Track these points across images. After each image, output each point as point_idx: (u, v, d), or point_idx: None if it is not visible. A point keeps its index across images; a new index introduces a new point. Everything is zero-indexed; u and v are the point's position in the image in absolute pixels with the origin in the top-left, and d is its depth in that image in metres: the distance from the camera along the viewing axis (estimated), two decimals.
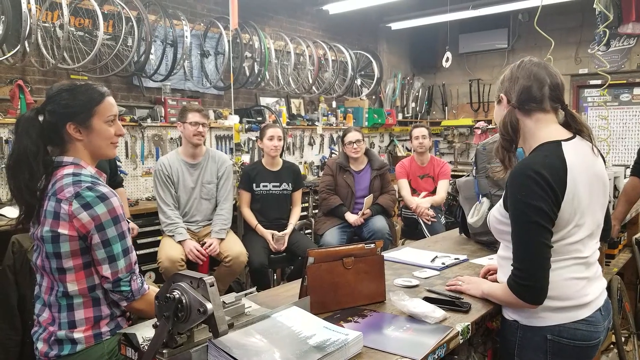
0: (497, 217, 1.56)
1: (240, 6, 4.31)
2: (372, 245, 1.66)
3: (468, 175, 2.51)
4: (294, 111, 6.10)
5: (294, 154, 5.90)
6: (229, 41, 4.72)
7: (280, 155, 3.90)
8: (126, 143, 4.37)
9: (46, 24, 3.77)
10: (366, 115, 6.65)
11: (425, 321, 1.46)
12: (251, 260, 3.44)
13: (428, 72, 8.02)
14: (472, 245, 2.44)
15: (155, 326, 1.14)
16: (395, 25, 7.16)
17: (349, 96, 6.72)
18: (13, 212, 3.26)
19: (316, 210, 4.59)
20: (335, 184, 4.06)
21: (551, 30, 3.70)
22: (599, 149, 1.54)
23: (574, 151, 1.47)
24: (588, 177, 1.48)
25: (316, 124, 6.05)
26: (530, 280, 1.41)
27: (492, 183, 2.25)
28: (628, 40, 6.17)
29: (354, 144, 4.00)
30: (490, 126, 6.33)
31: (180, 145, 3.65)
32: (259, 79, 5.26)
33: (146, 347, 1.17)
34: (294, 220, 3.84)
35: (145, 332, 1.26)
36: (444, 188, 4.31)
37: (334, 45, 6.17)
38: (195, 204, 3.46)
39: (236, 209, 3.91)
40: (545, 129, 1.51)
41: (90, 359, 1.54)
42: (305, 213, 4.89)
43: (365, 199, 3.92)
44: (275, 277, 3.92)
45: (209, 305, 1.07)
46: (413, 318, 1.49)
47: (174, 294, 1.10)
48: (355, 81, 6.58)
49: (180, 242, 3.29)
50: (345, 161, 4.10)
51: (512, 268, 1.45)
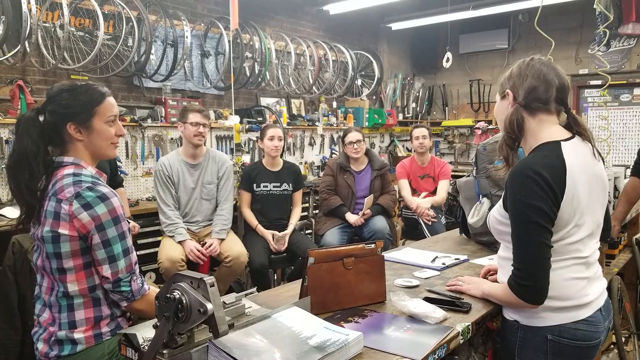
0: (497, 218, 1.56)
1: (240, 6, 4.32)
2: (373, 245, 1.65)
3: (468, 176, 2.51)
4: (295, 111, 6.10)
5: (294, 154, 5.90)
6: (229, 41, 4.72)
7: (281, 156, 3.90)
8: (126, 143, 4.37)
9: (46, 24, 3.77)
10: (366, 115, 6.65)
11: (426, 321, 1.46)
12: (251, 260, 3.44)
13: (428, 73, 8.02)
14: (473, 245, 2.44)
15: (155, 326, 1.14)
16: (395, 26, 7.16)
17: (350, 96, 6.72)
18: (13, 213, 3.26)
19: (316, 211, 4.59)
20: (335, 184, 4.06)
21: (551, 30, 3.71)
22: (599, 152, 1.55)
23: (574, 151, 1.47)
24: (587, 177, 1.48)
25: (317, 124, 6.06)
26: (531, 280, 1.41)
27: (493, 183, 2.25)
28: (628, 41, 6.17)
29: (354, 144, 4.00)
30: (490, 126, 6.32)
31: (181, 145, 3.65)
32: (260, 79, 5.26)
33: (146, 348, 1.17)
34: (294, 220, 3.84)
35: (145, 333, 1.26)
36: (444, 188, 4.31)
37: (335, 45, 6.17)
38: (196, 205, 3.46)
39: (236, 209, 3.91)
40: (547, 129, 1.51)
41: (90, 359, 1.54)
42: (305, 213, 4.90)
43: (366, 199, 3.92)
44: (275, 278, 3.92)
45: (209, 306, 1.07)
46: (413, 318, 1.49)
47: (175, 294, 1.10)
48: (356, 81, 6.58)
49: (180, 243, 3.29)
50: (346, 161, 4.10)
51: (513, 268, 1.45)
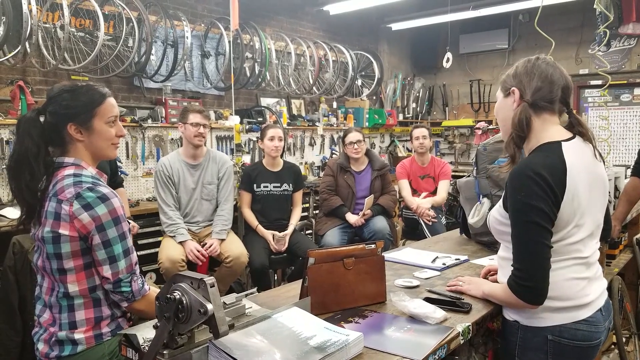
0: (497, 218, 1.56)
1: (240, 7, 4.32)
2: (373, 245, 1.66)
3: (469, 176, 2.51)
4: (295, 112, 6.11)
5: (294, 154, 5.90)
6: (229, 42, 4.72)
7: (281, 156, 3.90)
8: (127, 144, 4.38)
9: (47, 25, 3.77)
10: (367, 115, 6.65)
11: (426, 322, 1.46)
12: (252, 260, 3.44)
13: (429, 73, 8.02)
14: (473, 245, 2.44)
15: (155, 327, 1.14)
16: (395, 26, 7.16)
17: (350, 97, 6.72)
18: (14, 213, 3.26)
19: (317, 211, 4.59)
20: (336, 185, 4.06)
21: (552, 30, 3.70)
22: (600, 153, 1.55)
23: (574, 151, 1.47)
24: (588, 177, 1.48)
25: (317, 124, 6.06)
26: (531, 280, 1.41)
27: (493, 183, 2.25)
28: (628, 41, 6.17)
29: (354, 145, 4.00)
30: (490, 126, 6.31)
31: (181, 145, 3.65)
32: (260, 80, 5.27)
33: (147, 348, 1.17)
34: (294, 220, 3.84)
35: (145, 333, 1.26)
36: (444, 188, 4.31)
37: (335, 45, 6.17)
38: (196, 205, 3.46)
39: (237, 209, 3.92)
40: (549, 129, 1.51)
41: None
42: (305, 213, 4.90)
43: (366, 199, 3.92)
44: (275, 278, 3.92)
45: (210, 306, 1.07)
46: (414, 318, 1.49)
47: (175, 294, 1.10)
48: (356, 82, 6.58)
49: (181, 243, 3.29)
50: (346, 162, 4.10)
51: (513, 268, 1.45)
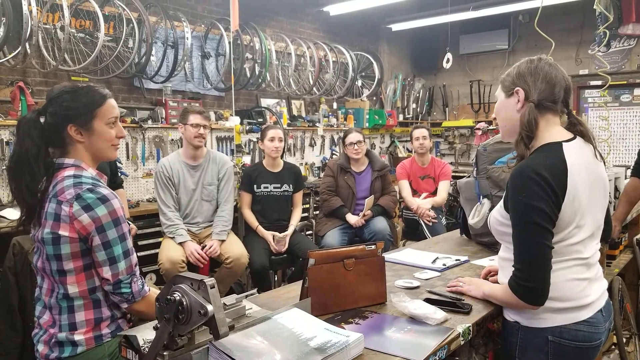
0: (498, 219, 1.56)
1: (241, 8, 4.32)
2: (373, 246, 1.65)
3: (469, 176, 2.51)
4: (295, 112, 6.10)
5: (294, 155, 5.90)
6: (229, 42, 4.72)
7: (281, 157, 3.90)
8: (127, 144, 4.37)
9: (47, 26, 3.77)
10: (367, 116, 6.65)
11: (426, 322, 1.46)
12: (252, 261, 3.44)
13: (429, 73, 8.02)
14: (473, 246, 2.44)
15: (156, 328, 1.14)
16: (395, 27, 7.16)
17: (350, 97, 6.72)
18: (14, 214, 3.26)
19: (317, 212, 4.59)
20: (336, 185, 4.06)
21: (551, 31, 3.70)
22: (600, 153, 1.55)
23: (575, 152, 1.47)
24: (588, 178, 1.48)
25: (317, 125, 6.06)
26: (531, 281, 1.41)
27: (493, 184, 2.25)
28: (628, 41, 6.17)
29: (354, 145, 4.00)
30: (490, 127, 6.31)
31: (181, 146, 3.65)
32: (260, 80, 5.26)
33: (147, 349, 1.17)
34: (294, 221, 3.84)
35: (145, 334, 1.26)
36: (444, 189, 4.31)
37: (335, 46, 6.17)
38: (196, 206, 3.46)
39: (237, 210, 3.91)
40: (551, 130, 1.51)
41: None
42: (306, 214, 4.90)
43: (366, 200, 3.92)
44: (276, 279, 3.92)
45: (210, 307, 1.07)
46: (414, 319, 1.49)
47: (175, 295, 1.09)
48: (356, 82, 6.58)
49: (181, 244, 3.29)
50: (346, 162, 4.10)
51: (513, 269, 1.45)
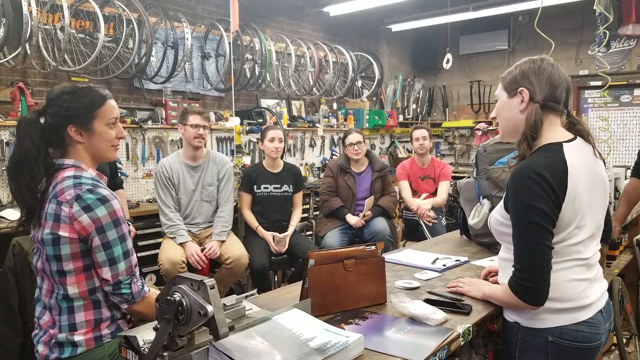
0: (498, 219, 1.56)
1: (241, 8, 4.32)
2: (373, 247, 1.66)
3: (469, 177, 2.51)
4: (295, 113, 6.10)
5: (294, 155, 5.90)
6: (229, 43, 4.72)
7: (281, 157, 3.90)
8: (127, 145, 4.37)
9: (47, 27, 3.77)
10: (367, 116, 6.65)
11: (426, 323, 1.46)
12: (252, 262, 3.44)
13: (429, 74, 8.02)
14: (473, 246, 2.44)
15: (155, 329, 1.14)
16: (395, 27, 7.16)
17: (350, 98, 6.72)
18: (14, 215, 3.26)
19: (317, 212, 4.59)
20: (336, 186, 4.06)
21: (551, 31, 3.71)
22: (600, 153, 1.55)
23: (575, 152, 1.47)
24: (589, 178, 1.48)
25: (317, 125, 6.06)
26: (532, 281, 1.41)
27: (493, 185, 2.25)
28: (628, 42, 6.17)
29: (354, 146, 4.00)
30: (490, 127, 6.30)
31: (181, 147, 3.65)
32: (260, 81, 5.27)
33: (147, 350, 1.17)
34: (294, 222, 3.84)
35: (145, 335, 1.26)
36: (444, 189, 4.31)
37: (335, 47, 6.17)
38: (196, 206, 3.46)
39: (237, 210, 3.91)
40: (552, 130, 1.51)
41: None
42: (306, 215, 4.89)
43: (366, 200, 3.92)
44: (276, 279, 3.92)
45: (210, 308, 1.07)
46: (414, 320, 1.49)
47: (175, 296, 1.09)
48: (356, 83, 6.58)
49: (181, 244, 3.29)
50: (346, 163, 4.10)
51: (514, 269, 1.45)
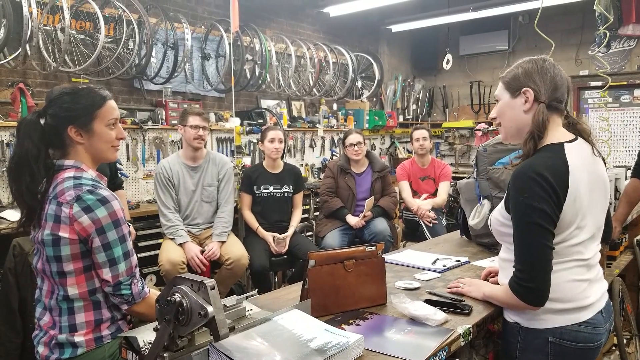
0: (499, 219, 1.56)
1: (241, 9, 4.33)
2: (373, 247, 1.66)
3: (469, 177, 2.51)
4: (295, 113, 6.11)
5: (295, 156, 5.90)
6: (229, 44, 4.72)
7: (281, 158, 3.90)
8: (127, 146, 4.37)
9: (47, 27, 3.77)
10: (367, 117, 6.65)
11: (427, 324, 1.46)
12: (252, 262, 3.44)
13: (429, 74, 8.02)
14: (473, 247, 2.44)
15: (156, 329, 1.14)
16: (395, 28, 7.17)
17: (350, 98, 6.72)
18: (14, 215, 3.26)
19: (317, 213, 4.59)
20: (336, 186, 4.06)
21: (551, 32, 3.71)
22: (599, 151, 1.55)
23: (576, 153, 1.47)
24: (589, 179, 1.48)
25: (317, 126, 6.06)
26: (532, 281, 1.41)
27: (493, 185, 2.25)
28: (628, 42, 6.17)
29: (355, 146, 4.00)
30: (491, 128, 6.31)
31: (181, 148, 3.65)
32: (260, 82, 5.27)
33: (147, 351, 1.17)
34: (295, 222, 3.84)
35: (146, 336, 1.26)
36: (445, 190, 4.31)
37: (335, 47, 6.18)
38: (196, 207, 3.46)
39: (237, 211, 3.91)
40: (554, 131, 1.51)
41: None
42: (306, 215, 4.89)
43: (367, 201, 3.92)
44: (276, 280, 3.92)
45: (210, 309, 1.07)
46: (414, 321, 1.49)
47: (175, 297, 1.09)
48: (356, 83, 6.58)
49: (181, 245, 3.29)
50: (347, 163, 4.10)
51: (514, 270, 1.45)
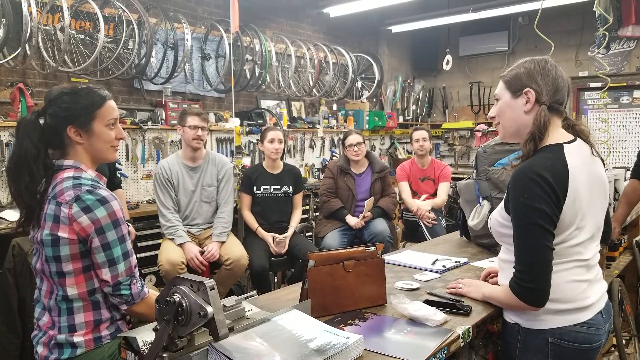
0: (499, 220, 1.56)
1: (241, 9, 4.33)
2: (373, 248, 1.65)
3: (469, 178, 2.51)
4: (295, 114, 6.11)
5: (294, 156, 5.90)
6: (229, 44, 4.72)
7: (281, 158, 3.90)
8: (127, 146, 4.37)
9: (47, 27, 3.77)
10: (367, 117, 6.65)
11: (426, 324, 1.46)
12: (252, 263, 3.43)
13: (428, 75, 8.02)
14: (473, 247, 2.44)
15: (155, 330, 1.14)
16: (396, 28, 7.17)
17: (350, 99, 6.72)
18: (13, 215, 3.26)
19: (317, 213, 4.59)
20: (336, 187, 4.06)
21: (551, 33, 3.72)
22: (598, 152, 1.55)
23: (576, 154, 1.47)
24: (589, 179, 1.48)
25: (317, 126, 6.06)
26: (532, 282, 1.41)
27: (493, 186, 2.25)
28: (628, 43, 6.17)
29: (354, 147, 4.00)
30: (490, 129, 6.32)
31: (181, 148, 3.65)
32: (260, 82, 5.27)
33: (146, 351, 1.17)
34: (294, 223, 3.84)
35: (145, 336, 1.26)
36: (444, 190, 4.31)
37: (335, 48, 6.18)
38: (196, 207, 3.46)
39: (237, 211, 3.91)
40: (554, 131, 1.51)
41: None
42: (306, 216, 4.89)
43: (366, 201, 3.92)
44: (276, 280, 3.92)
45: (210, 309, 1.07)
46: (414, 321, 1.49)
47: (175, 297, 1.09)
48: (356, 84, 6.58)
49: (180, 245, 3.29)
50: (346, 164, 4.10)
51: (514, 270, 1.45)
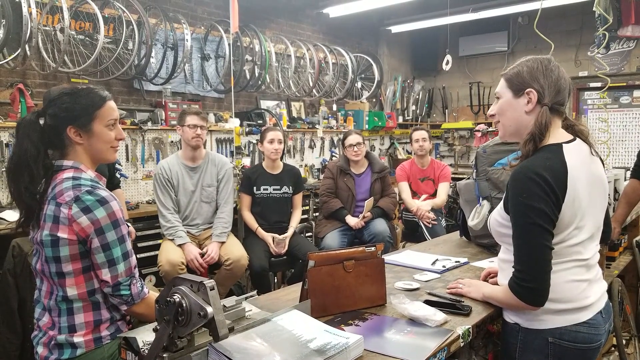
0: (498, 220, 1.56)
1: (240, 10, 4.33)
2: (373, 248, 1.66)
3: (468, 178, 2.51)
4: (295, 114, 6.11)
5: (294, 157, 5.90)
6: (229, 44, 4.72)
7: (281, 159, 3.90)
8: (127, 146, 4.37)
9: (47, 28, 3.77)
10: (366, 118, 6.65)
11: (426, 324, 1.46)
12: (252, 263, 3.44)
13: (428, 75, 8.02)
14: (473, 248, 2.44)
15: (155, 330, 1.14)
16: (395, 28, 7.17)
17: (350, 99, 6.72)
18: (13, 216, 3.26)
19: (317, 213, 4.59)
20: (335, 187, 4.06)
21: (551, 33, 3.71)
22: (597, 151, 1.55)
23: (575, 153, 1.47)
24: (588, 179, 1.48)
25: (317, 127, 6.06)
26: (532, 282, 1.41)
27: (493, 186, 2.25)
28: (628, 43, 6.18)
29: (354, 147, 4.00)
30: (490, 129, 6.32)
31: (181, 148, 3.65)
32: (260, 82, 5.27)
33: (146, 351, 1.17)
34: (294, 223, 3.84)
35: (145, 336, 1.26)
36: (444, 191, 4.31)
37: (335, 48, 6.18)
38: (196, 207, 3.46)
39: (237, 212, 3.91)
40: (554, 132, 1.51)
41: None
42: (305, 216, 4.89)
43: (366, 202, 3.92)
44: (275, 281, 3.92)
45: (209, 309, 1.07)
46: (414, 321, 1.49)
47: (174, 297, 1.09)
48: (356, 84, 6.58)
49: (180, 246, 3.29)
50: (346, 164, 4.10)
51: (514, 270, 1.45)
